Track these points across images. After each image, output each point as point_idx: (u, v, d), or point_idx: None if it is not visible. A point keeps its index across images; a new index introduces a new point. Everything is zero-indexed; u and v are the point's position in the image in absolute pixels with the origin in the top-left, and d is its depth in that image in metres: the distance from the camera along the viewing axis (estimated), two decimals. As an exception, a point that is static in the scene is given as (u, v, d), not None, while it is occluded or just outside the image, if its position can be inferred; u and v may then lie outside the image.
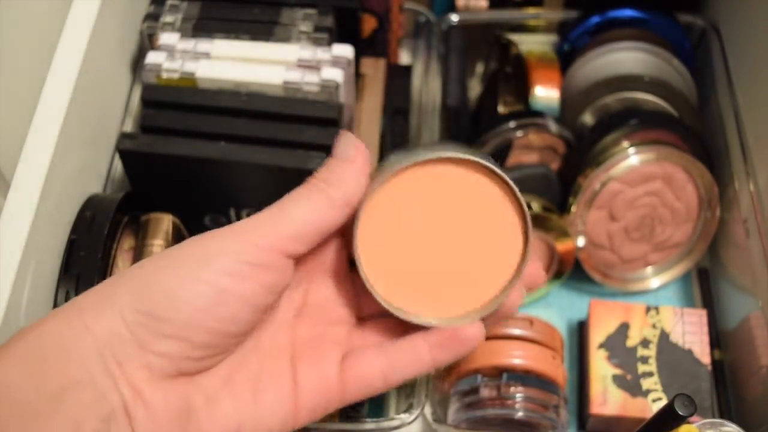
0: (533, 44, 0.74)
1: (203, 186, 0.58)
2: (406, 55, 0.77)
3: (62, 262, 0.51)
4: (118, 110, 0.63)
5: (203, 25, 0.60)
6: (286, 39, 0.60)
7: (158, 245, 0.53)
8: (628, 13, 0.71)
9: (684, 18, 0.72)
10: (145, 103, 0.58)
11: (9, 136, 0.51)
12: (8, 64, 0.52)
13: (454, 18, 0.74)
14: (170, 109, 0.57)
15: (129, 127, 0.63)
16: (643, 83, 0.67)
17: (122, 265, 0.53)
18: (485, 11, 0.75)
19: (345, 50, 0.58)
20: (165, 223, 0.54)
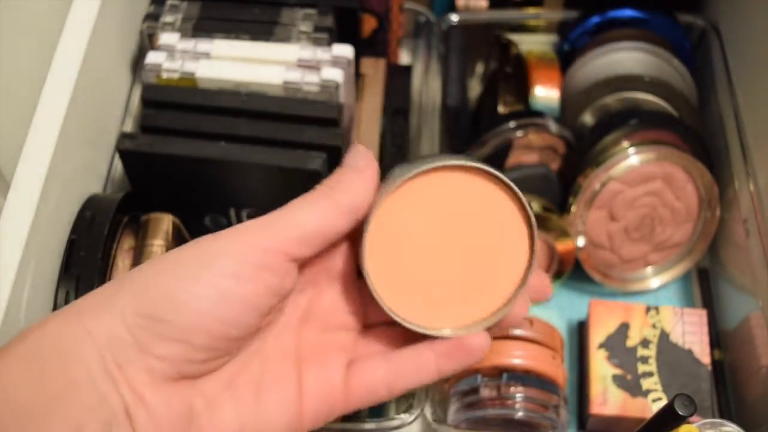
0: (533, 44, 0.74)
1: (203, 186, 0.58)
2: (406, 55, 0.77)
3: (62, 262, 0.51)
4: (118, 110, 0.63)
5: (203, 25, 0.60)
6: (286, 39, 0.60)
7: (158, 245, 0.53)
8: (628, 13, 0.71)
9: (684, 18, 0.72)
10: (145, 103, 0.58)
11: (9, 136, 0.51)
12: (8, 64, 0.52)
13: (454, 18, 0.74)
14: (170, 109, 0.57)
15: (129, 127, 0.63)
16: (643, 83, 0.67)
17: (122, 265, 0.53)
18: (485, 11, 0.75)
19: (345, 50, 0.58)
20: (165, 223, 0.54)
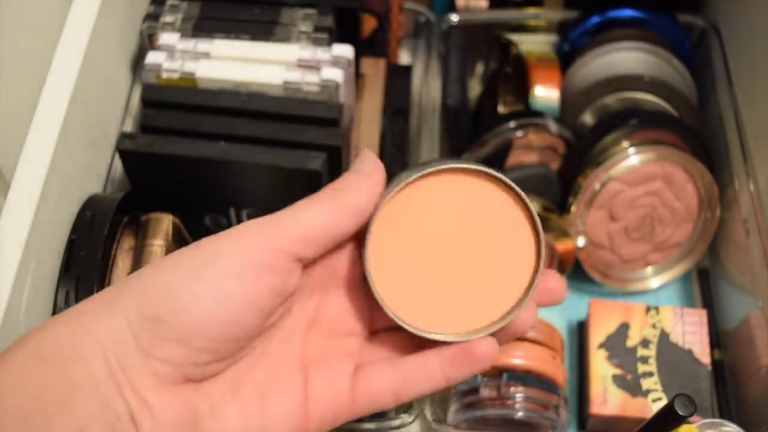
0: (533, 44, 0.74)
1: (203, 186, 0.57)
2: (406, 55, 0.77)
3: (62, 262, 0.51)
4: (118, 110, 0.63)
5: (203, 25, 0.60)
6: (286, 39, 0.60)
7: (158, 245, 0.53)
8: (628, 13, 0.71)
9: (684, 18, 0.72)
10: (145, 103, 0.58)
11: (9, 136, 0.51)
12: (8, 64, 0.52)
13: (454, 18, 0.74)
14: (170, 109, 0.57)
15: (129, 127, 0.63)
16: (643, 83, 0.67)
17: (122, 265, 0.53)
18: (485, 11, 0.75)
19: (345, 50, 0.58)
20: (165, 223, 0.54)
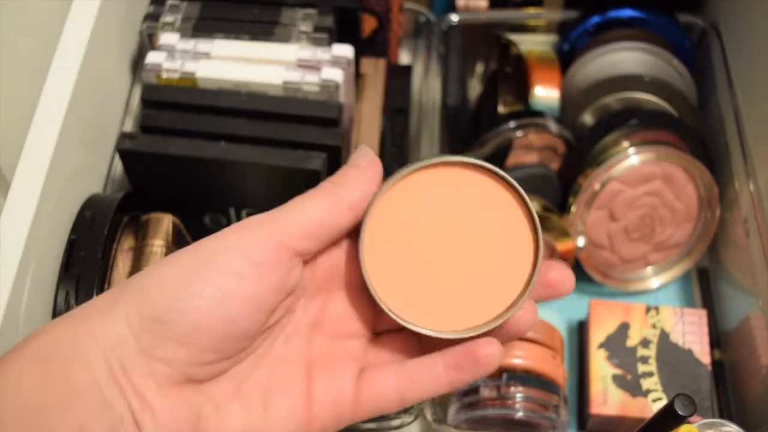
0: (533, 44, 0.74)
1: (203, 186, 0.58)
2: (406, 55, 0.77)
3: (62, 262, 0.51)
4: (118, 110, 0.63)
5: (203, 25, 0.60)
6: (286, 39, 0.60)
7: (158, 245, 0.53)
8: (628, 13, 0.71)
9: (684, 18, 0.72)
10: (145, 103, 0.58)
11: (9, 136, 0.51)
12: (8, 64, 0.52)
13: (454, 18, 0.74)
14: (170, 109, 0.57)
15: (129, 127, 0.63)
16: (643, 83, 0.67)
17: (122, 265, 0.53)
18: (485, 11, 0.75)
19: (345, 50, 0.58)
20: (165, 223, 0.54)
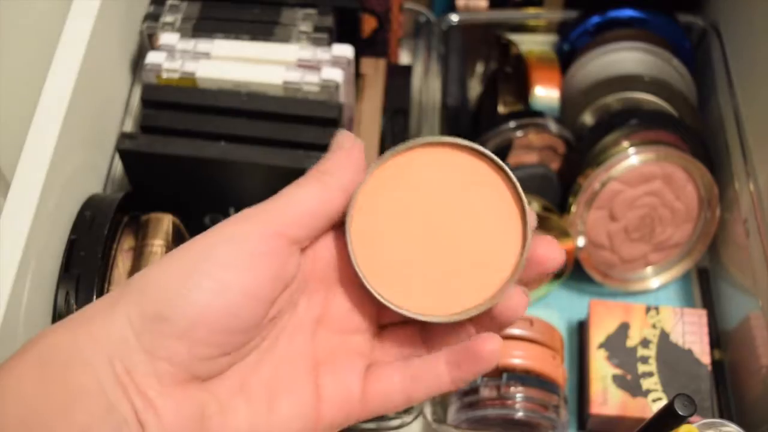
0: (533, 44, 0.74)
1: (203, 186, 0.58)
2: (406, 55, 0.77)
3: (62, 262, 0.51)
4: (118, 110, 0.63)
5: (203, 25, 0.60)
6: (286, 39, 0.60)
7: (158, 245, 0.53)
8: (628, 13, 0.71)
9: (684, 18, 0.72)
10: (145, 103, 0.58)
11: (9, 136, 0.51)
12: (8, 64, 0.52)
13: (454, 18, 0.74)
14: (170, 109, 0.57)
15: (129, 127, 0.63)
16: (643, 83, 0.67)
17: (122, 265, 0.53)
18: (485, 11, 0.75)
19: (345, 50, 0.58)
20: (165, 223, 0.54)
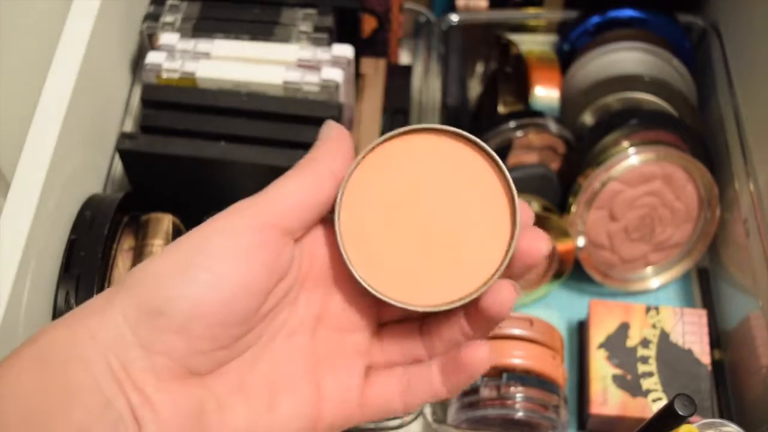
0: (533, 44, 0.74)
1: (203, 186, 0.57)
2: (406, 55, 0.77)
3: (62, 262, 0.51)
4: (118, 110, 0.63)
5: (203, 25, 0.60)
6: (286, 39, 0.60)
7: (158, 245, 0.53)
8: (628, 13, 0.71)
9: (684, 18, 0.72)
10: (145, 103, 0.58)
11: (9, 136, 0.51)
12: (8, 64, 0.52)
13: (454, 18, 0.74)
14: (170, 109, 0.57)
15: (129, 127, 0.63)
16: (643, 83, 0.67)
17: (122, 265, 0.53)
18: (485, 11, 0.75)
19: (345, 50, 0.58)
20: (165, 223, 0.54)
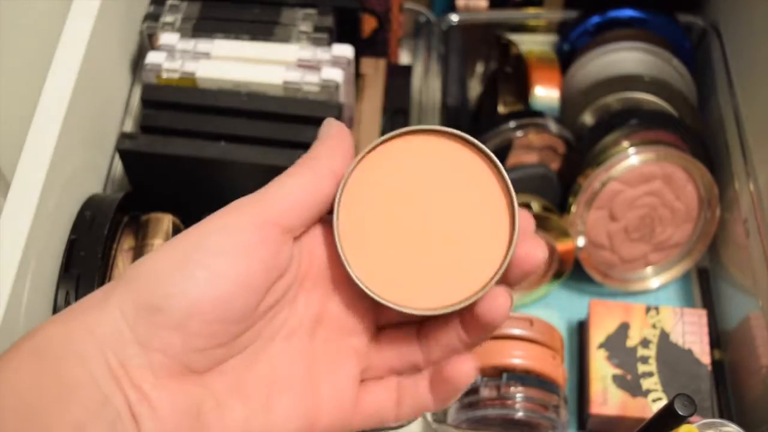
0: (533, 44, 0.74)
1: (203, 186, 0.57)
2: (406, 55, 0.77)
3: (62, 262, 0.51)
4: (118, 110, 0.63)
5: (203, 25, 0.60)
6: (286, 39, 0.60)
7: (158, 245, 0.53)
8: (628, 13, 0.71)
9: (684, 18, 0.72)
10: (145, 103, 0.58)
11: (9, 136, 0.51)
12: (8, 64, 0.52)
13: (454, 18, 0.74)
14: (170, 109, 0.57)
15: (129, 127, 0.63)
16: (643, 83, 0.67)
17: (122, 265, 0.53)
18: (485, 11, 0.75)
19: (345, 50, 0.58)
20: (165, 223, 0.54)
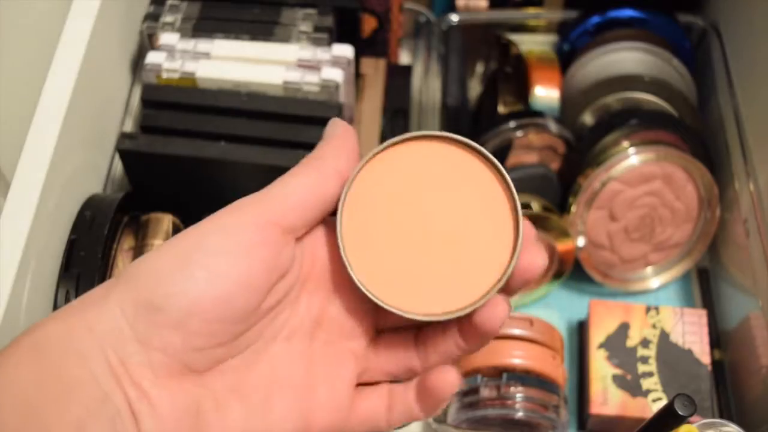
0: (533, 44, 0.74)
1: (203, 186, 0.57)
2: (406, 55, 0.77)
3: (62, 262, 0.51)
4: (118, 110, 0.63)
5: (203, 25, 0.60)
6: (286, 39, 0.60)
7: (158, 245, 0.52)
8: (628, 13, 0.71)
9: (684, 18, 0.72)
10: (145, 103, 0.58)
11: (9, 136, 0.51)
12: (8, 64, 0.52)
13: (454, 18, 0.74)
14: (170, 109, 0.57)
15: (129, 127, 0.63)
16: (643, 83, 0.67)
17: (122, 265, 0.53)
18: (485, 11, 0.75)
19: (345, 50, 0.58)
20: (165, 223, 0.54)
